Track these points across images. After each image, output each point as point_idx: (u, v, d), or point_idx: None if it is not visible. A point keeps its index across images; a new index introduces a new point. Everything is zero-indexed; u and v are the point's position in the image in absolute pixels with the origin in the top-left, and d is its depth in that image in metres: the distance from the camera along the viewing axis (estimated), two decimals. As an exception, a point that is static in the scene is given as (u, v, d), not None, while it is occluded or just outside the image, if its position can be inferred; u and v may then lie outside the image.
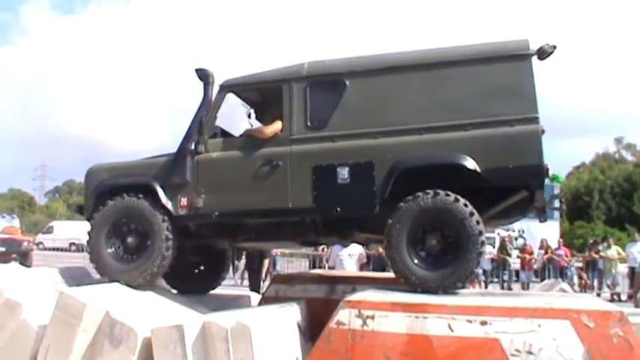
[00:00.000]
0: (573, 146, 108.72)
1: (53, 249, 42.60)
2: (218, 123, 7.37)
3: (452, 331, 5.21)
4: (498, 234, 28.45)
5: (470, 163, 6.25)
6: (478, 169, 6.25)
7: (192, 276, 8.32)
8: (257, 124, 7.77)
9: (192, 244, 7.71)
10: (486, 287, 21.88)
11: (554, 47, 6.50)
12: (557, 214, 35.77)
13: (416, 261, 6.28)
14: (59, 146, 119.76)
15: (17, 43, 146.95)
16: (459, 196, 6.19)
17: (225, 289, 9.27)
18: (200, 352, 5.26)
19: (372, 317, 5.38)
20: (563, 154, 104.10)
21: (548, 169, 6.28)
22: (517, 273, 24.72)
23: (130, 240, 7.12)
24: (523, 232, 30.83)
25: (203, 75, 7.14)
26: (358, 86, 6.80)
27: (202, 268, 8.51)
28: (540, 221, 7.18)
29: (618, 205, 55.63)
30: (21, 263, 19.20)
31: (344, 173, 6.61)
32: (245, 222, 7.22)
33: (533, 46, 6.45)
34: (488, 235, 24.78)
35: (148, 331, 5.46)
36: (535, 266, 23.71)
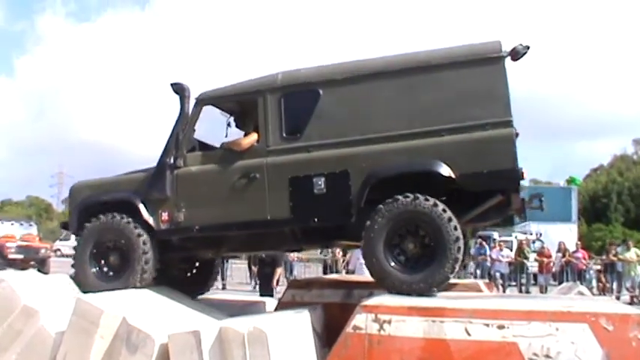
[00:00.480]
0: (591, 148, 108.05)
1: (71, 256, 42.73)
2: (198, 135, 7.42)
3: (469, 335, 5.18)
4: (516, 237, 28.38)
5: (444, 170, 6.24)
6: (453, 176, 6.24)
7: (181, 282, 8.29)
8: (237, 132, 7.78)
9: (178, 256, 7.80)
10: (504, 291, 21.76)
11: (528, 47, 6.45)
12: (575, 216, 35.75)
13: (392, 264, 6.27)
14: (76, 153, 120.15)
15: (34, 51, 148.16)
16: (437, 201, 6.18)
17: (241, 294, 9.30)
18: (217, 357, 5.26)
19: (389, 322, 5.37)
20: (581, 156, 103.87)
21: (522, 173, 6.21)
22: (535, 276, 24.60)
23: (112, 258, 7.21)
24: (541, 235, 30.72)
25: (179, 89, 7.19)
26: (331, 95, 6.78)
27: (191, 274, 8.56)
28: (520, 221, 7.17)
29: (637, 207, 55.11)
30: (39, 270, 19.30)
31: (320, 183, 6.62)
32: (226, 234, 7.26)
33: (507, 47, 6.40)
34: (505, 238, 24.70)
35: (164, 337, 5.46)
36: (553, 269, 23.61)
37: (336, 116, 6.73)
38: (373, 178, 6.43)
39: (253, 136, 7.05)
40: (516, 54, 6.41)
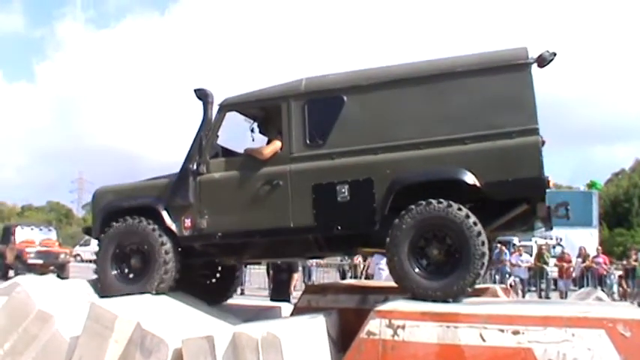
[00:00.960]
0: (612, 152, 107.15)
1: (90, 261, 42.97)
2: (223, 141, 7.41)
3: (484, 340, 5.12)
4: (536, 242, 28.16)
5: (469, 178, 6.19)
6: (478, 184, 6.18)
7: (203, 289, 8.28)
8: (261, 138, 7.74)
9: (200, 263, 7.80)
10: (524, 296, 21.63)
11: (554, 54, 6.37)
12: (596, 221, 35.40)
13: (417, 270, 6.22)
14: (96, 159, 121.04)
15: (54, 57, 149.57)
16: (470, 213, 6.11)
17: (259, 300, 9.29)
18: (230, 362, 5.23)
19: (403, 327, 5.33)
20: (602, 161, 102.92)
21: (548, 182, 6.15)
22: (555, 282, 24.38)
23: (133, 262, 7.22)
24: (561, 240, 30.39)
25: (202, 95, 7.18)
26: (356, 101, 6.74)
27: (212, 281, 8.52)
28: (547, 230, 7.10)
29: (659, 212, 54.58)
30: (58, 275, 19.47)
31: (343, 191, 6.57)
32: (249, 241, 7.22)
33: (533, 54, 6.32)
34: (525, 243, 24.41)
35: (178, 342, 5.45)
36: (573, 274, 23.39)
37: (361, 123, 6.69)
38: (398, 185, 6.38)
39: (276, 144, 7.00)
40: (543, 60, 6.34)
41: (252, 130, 7.76)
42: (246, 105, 7.38)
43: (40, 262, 23.46)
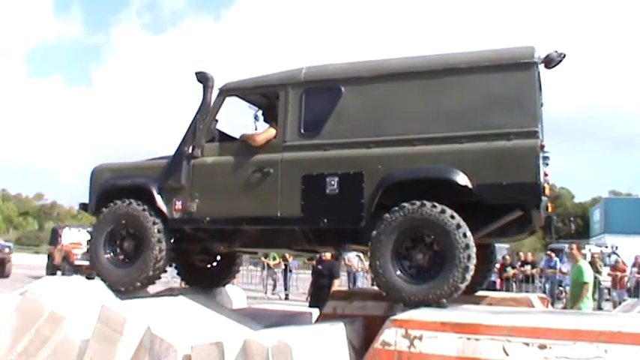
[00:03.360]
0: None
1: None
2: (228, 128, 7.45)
3: (507, 354, 4.76)
4: (589, 250, 27.44)
5: (461, 179, 5.96)
6: (470, 185, 5.94)
7: (201, 273, 8.32)
8: (266, 126, 7.59)
9: (195, 247, 7.76)
10: (574, 306, 20.92)
11: (563, 55, 6.16)
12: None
13: (398, 273, 6.02)
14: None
15: (110, 62, 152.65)
16: (445, 208, 5.89)
17: (299, 305, 9.08)
18: (240, 370, 5.03)
19: (420, 338, 5.01)
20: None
21: (544, 188, 5.88)
22: (610, 292, 23.58)
23: (126, 245, 7.23)
24: (617, 248, 29.60)
25: (202, 78, 7.16)
26: (353, 93, 6.60)
27: (211, 266, 8.49)
28: (546, 240, 6.77)
29: None
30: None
31: (333, 183, 6.44)
32: (237, 228, 7.13)
33: (541, 53, 6.12)
34: (579, 251, 23.72)
35: (188, 347, 5.29)
36: (628, 284, 22.52)
37: (356, 115, 6.55)
38: (387, 181, 6.21)
39: (271, 131, 6.92)
40: (550, 61, 6.17)
41: (255, 118, 7.67)
42: (246, 90, 7.34)
43: (87, 263, 23.69)
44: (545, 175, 6.19)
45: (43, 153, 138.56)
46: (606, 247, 30.63)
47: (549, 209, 6.49)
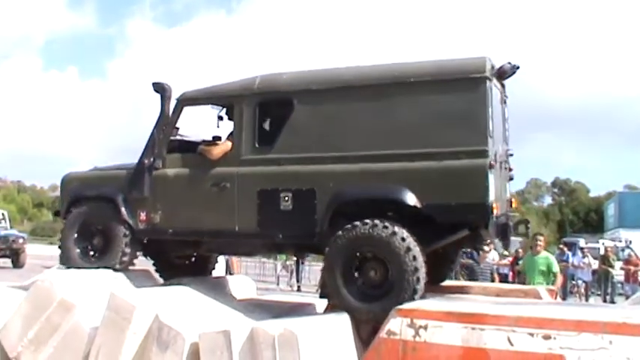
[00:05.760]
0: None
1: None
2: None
3: (511, 345, 4.78)
4: (603, 244, 27.37)
5: (410, 198, 5.93)
6: (419, 205, 5.90)
7: (182, 269, 8.28)
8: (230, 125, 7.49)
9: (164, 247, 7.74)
10: (587, 300, 20.96)
11: (517, 67, 6.16)
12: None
13: (348, 290, 6.04)
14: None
15: (124, 54, 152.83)
16: (397, 229, 5.86)
17: (311, 297, 9.11)
18: (247, 358, 5.10)
19: (425, 327, 5.03)
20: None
21: (493, 208, 5.80)
22: (622, 285, 23.53)
23: (95, 241, 7.32)
24: (631, 242, 29.46)
25: (159, 88, 7.16)
26: (304, 106, 6.53)
27: (189, 262, 8.46)
28: (503, 248, 6.85)
29: None
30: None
31: (287, 199, 6.42)
32: (199, 239, 7.21)
33: (494, 65, 6.09)
34: (592, 245, 23.90)
35: (196, 336, 5.32)
36: (640, 278, 22.47)
37: (308, 129, 6.49)
38: (338, 200, 6.20)
39: (227, 144, 6.90)
40: (503, 73, 6.19)
41: (220, 118, 7.54)
42: (203, 100, 7.29)
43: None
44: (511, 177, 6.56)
45: (59, 145, 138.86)
46: (620, 241, 30.49)
47: (510, 214, 6.66)
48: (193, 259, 8.45)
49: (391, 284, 5.87)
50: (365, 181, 6.16)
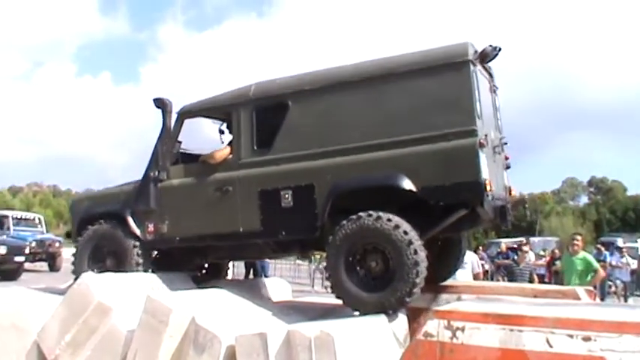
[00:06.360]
0: None
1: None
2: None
3: (550, 346, 4.67)
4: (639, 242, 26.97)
5: (405, 183, 6.11)
6: (414, 189, 6.07)
7: (196, 278, 8.42)
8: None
9: (175, 260, 7.96)
10: (625, 300, 20.61)
11: (499, 49, 6.29)
12: None
13: (351, 280, 6.23)
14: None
15: (157, 59, 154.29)
16: (400, 222, 6.01)
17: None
18: (283, 361, 5.08)
19: (463, 329, 4.95)
20: None
21: (486, 185, 5.91)
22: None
23: (108, 262, 7.56)
24: (673, 240, 28.98)
25: (160, 103, 7.43)
26: (299, 106, 6.78)
27: (202, 272, 8.71)
28: (504, 228, 6.94)
29: None
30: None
31: (287, 197, 6.66)
32: (207, 244, 7.40)
33: (477, 50, 6.28)
34: (630, 244, 23.69)
35: (232, 338, 5.36)
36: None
37: (304, 128, 6.74)
38: (335, 191, 6.38)
39: (226, 150, 7.16)
40: (485, 56, 6.33)
41: (221, 132, 7.92)
42: (202, 112, 7.61)
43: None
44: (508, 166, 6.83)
45: (93, 150, 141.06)
46: (657, 239, 30.00)
47: (508, 198, 6.86)
48: (205, 270, 8.70)
49: (391, 276, 6.06)
50: (361, 171, 6.36)
